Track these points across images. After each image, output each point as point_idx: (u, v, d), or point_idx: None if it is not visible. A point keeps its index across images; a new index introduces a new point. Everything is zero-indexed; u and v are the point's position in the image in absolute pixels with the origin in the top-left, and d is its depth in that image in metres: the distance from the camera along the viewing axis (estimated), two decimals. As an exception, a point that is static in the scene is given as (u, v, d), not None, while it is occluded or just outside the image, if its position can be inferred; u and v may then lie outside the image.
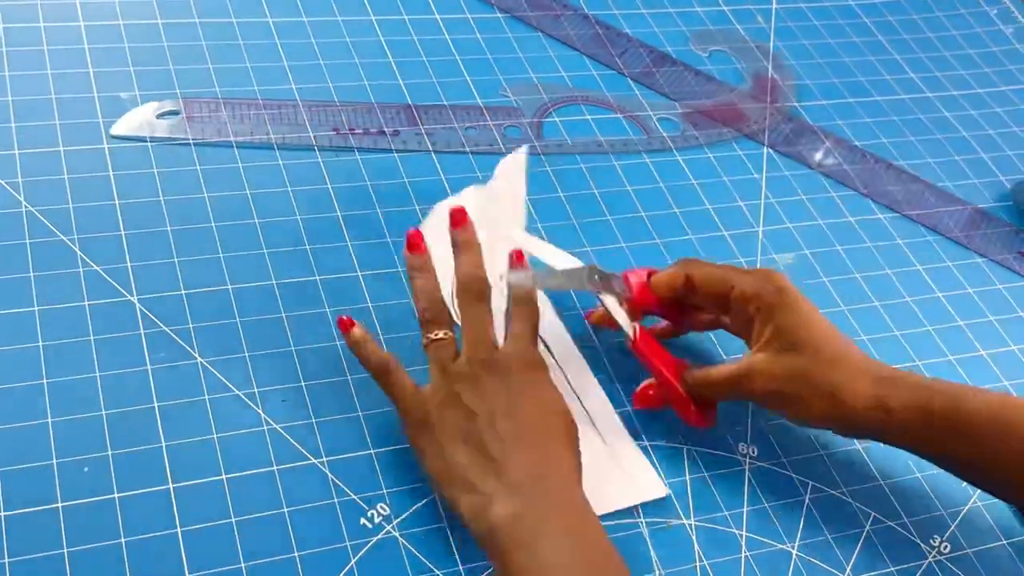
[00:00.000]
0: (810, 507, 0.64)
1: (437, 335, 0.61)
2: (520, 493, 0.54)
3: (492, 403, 0.57)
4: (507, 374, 0.59)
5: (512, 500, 0.54)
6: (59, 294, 0.63)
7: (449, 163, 0.77)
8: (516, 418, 0.57)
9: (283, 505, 0.57)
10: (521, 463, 0.55)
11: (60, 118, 0.72)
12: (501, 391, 0.58)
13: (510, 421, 0.57)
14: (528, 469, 0.55)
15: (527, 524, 0.53)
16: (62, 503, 0.55)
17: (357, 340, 0.61)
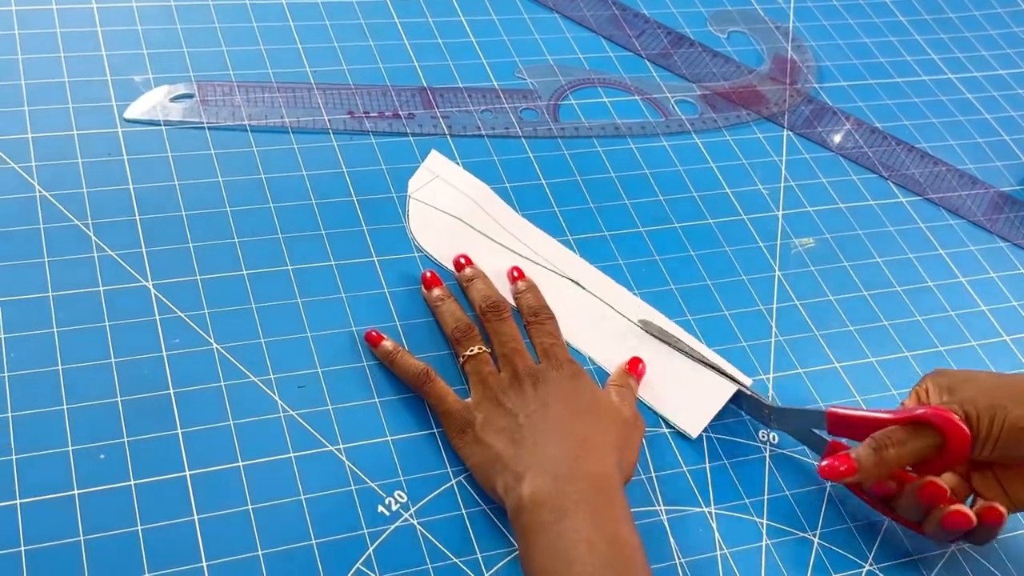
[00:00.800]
0: (831, 495, 0.63)
1: (472, 351, 0.62)
2: (552, 472, 0.54)
3: (534, 404, 0.59)
4: (549, 383, 0.60)
5: (543, 478, 0.54)
6: (74, 279, 0.63)
7: (465, 147, 0.76)
8: (558, 415, 0.58)
9: (300, 492, 0.57)
10: (558, 445, 0.56)
11: (73, 102, 0.72)
12: (543, 397, 0.59)
13: (550, 419, 0.58)
14: (564, 451, 0.56)
15: (554, 503, 0.53)
16: (78, 490, 0.54)
17: (389, 352, 0.62)
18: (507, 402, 0.59)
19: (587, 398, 0.60)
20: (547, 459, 0.55)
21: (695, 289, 0.72)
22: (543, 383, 0.60)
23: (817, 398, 0.67)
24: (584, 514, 0.53)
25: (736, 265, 0.74)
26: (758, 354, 0.69)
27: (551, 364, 0.62)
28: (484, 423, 0.59)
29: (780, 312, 0.72)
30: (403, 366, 0.62)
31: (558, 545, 0.52)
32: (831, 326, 0.72)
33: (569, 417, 0.59)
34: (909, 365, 0.71)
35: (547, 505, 0.53)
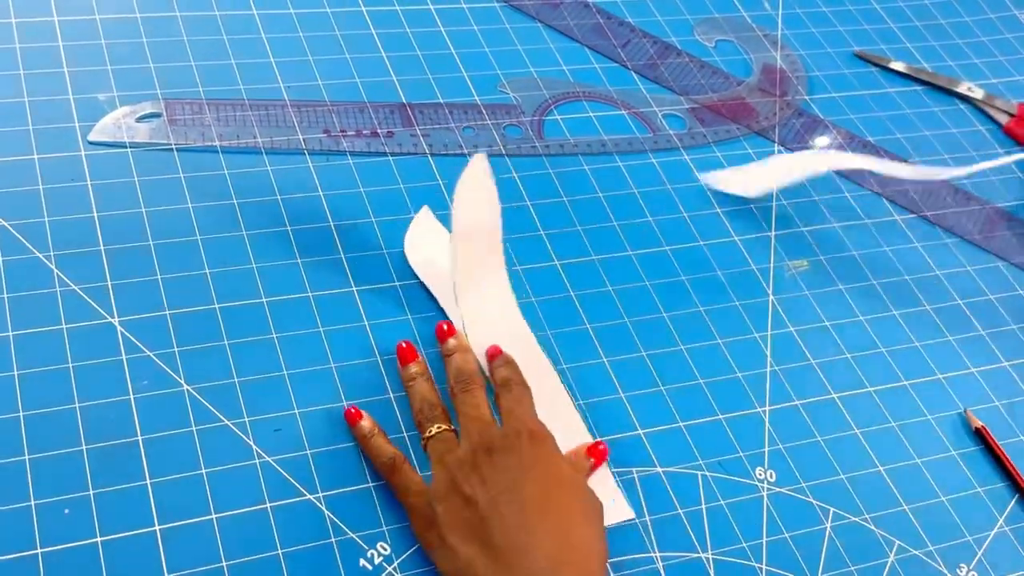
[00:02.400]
0: (832, 536, 0.61)
1: (432, 431, 0.58)
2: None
3: (494, 487, 0.53)
4: (508, 452, 0.55)
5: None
6: (34, 316, 0.59)
7: (446, 166, 0.73)
8: (522, 501, 0.53)
9: (277, 547, 0.54)
10: (534, 552, 0.51)
11: (33, 123, 0.68)
12: (504, 472, 0.54)
13: (515, 505, 0.53)
14: (543, 560, 0.51)
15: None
16: (41, 549, 0.51)
17: (364, 434, 0.58)
18: (466, 487, 0.54)
19: (554, 471, 0.55)
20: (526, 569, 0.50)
21: (687, 316, 0.69)
22: (500, 453, 0.55)
23: (815, 431, 0.65)
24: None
25: (728, 289, 0.71)
26: (753, 385, 0.66)
27: (509, 427, 0.57)
28: (446, 518, 0.53)
29: (775, 339, 0.69)
30: (375, 451, 0.57)
31: None
32: (827, 354, 0.69)
33: (540, 504, 0.53)
34: (907, 395, 0.68)
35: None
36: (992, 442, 0.66)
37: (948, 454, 0.66)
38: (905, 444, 0.66)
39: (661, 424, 0.63)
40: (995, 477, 0.66)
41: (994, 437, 0.66)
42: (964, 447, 0.67)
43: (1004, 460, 0.66)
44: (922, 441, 0.66)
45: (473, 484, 0.54)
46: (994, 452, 0.66)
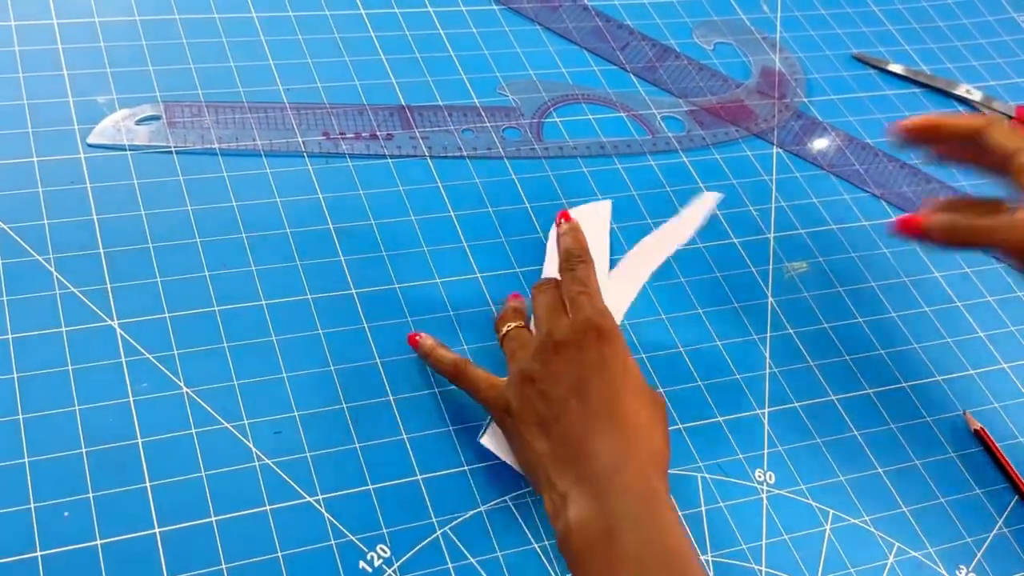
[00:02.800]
0: (831, 538, 0.61)
1: (505, 329, 0.61)
2: (593, 491, 0.51)
3: (564, 384, 0.55)
4: (578, 350, 0.56)
5: (584, 501, 0.51)
6: (34, 319, 0.59)
7: (445, 168, 0.73)
8: (590, 399, 0.54)
9: (277, 549, 0.54)
10: (598, 452, 0.52)
11: (33, 126, 0.68)
12: (572, 370, 0.55)
13: (584, 403, 0.54)
14: (605, 460, 0.52)
15: (600, 525, 0.50)
16: (41, 552, 0.51)
17: (427, 350, 0.61)
18: (539, 382, 0.55)
19: (618, 371, 0.55)
20: (588, 474, 0.52)
21: (686, 318, 0.69)
22: (575, 351, 0.55)
23: (814, 433, 0.65)
24: (630, 530, 0.50)
25: (727, 291, 0.71)
26: (752, 387, 0.66)
27: (577, 321, 0.57)
28: (522, 410, 0.55)
29: (774, 341, 0.69)
30: (438, 359, 0.60)
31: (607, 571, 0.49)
32: (826, 356, 0.69)
33: (604, 408, 0.54)
34: (906, 396, 0.68)
35: (593, 528, 0.50)
36: (991, 444, 0.66)
37: (947, 456, 0.66)
38: (904, 446, 0.66)
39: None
40: (994, 479, 0.66)
41: (993, 439, 0.67)
42: (963, 449, 0.67)
43: (1003, 462, 0.66)
44: (921, 443, 0.66)
45: (545, 379, 0.55)
46: (993, 454, 0.66)
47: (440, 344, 0.61)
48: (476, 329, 0.65)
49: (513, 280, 0.68)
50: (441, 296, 0.66)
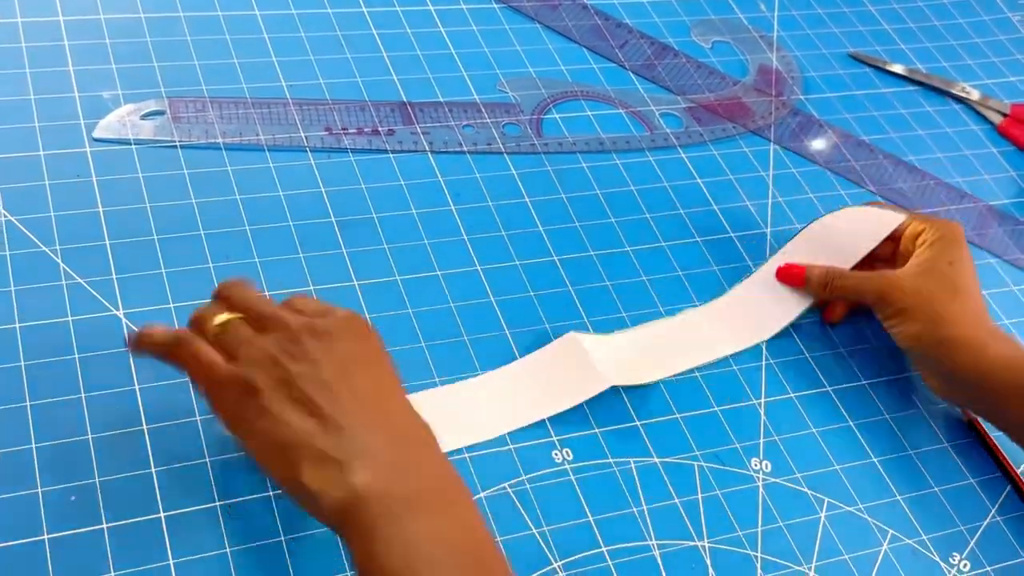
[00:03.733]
0: (826, 525, 0.61)
1: (218, 320, 0.53)
2: (382, 458, 0.48)
3: (325, 367, 0.50)
4: (326, 335, 0.51)
5: (375, 467, 0.47)
6: (41, 309, 0.60)
7: (446, 163, 0.74)
8: (350, 381, 0.50)
9: (281, 534, 0.54)
10: (371, 425, 0.49)
11: (39, 120, 0.69)
12: (328, 354, 0.51)
13: (343, 382, 0.50)
14: (383, 432, 0.49)
15: (399, 492, 0.47)
16: (48, 535, 0.52)
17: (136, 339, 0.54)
18: (292, 364, 0.50)
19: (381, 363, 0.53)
20: (373, 445, 0.48)
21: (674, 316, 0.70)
22: (326, 337, 0.51)
23: (809, 423, 0.66)
24: (434, 506, 0.47)
25: (725, 285, 0.72)
26: (749, 378, 0.67)
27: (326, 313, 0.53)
28: (269, 389, 0.49)
29: (770, 334, 0.70)
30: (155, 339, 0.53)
31: (413, 541, 0.46)
32: (822, 349, 0.70)
33: (371, 392, 0.51)
34: (901, 388, 0.69)
35: (392, 495, 0.46)
36: (984, 433, 0.67)
37: (941, 446, 0.67)
38: (899, 436, 0.67)
39: (658, 416, 0.64)
40: (987, 468, 0.66)
41: (987, 429, 0.67)
42: (956, 439, 0.67)
43: (996, 451, 0.66)
44: (915, 433, 0.67)
45: (299, 360, 0.50)
46: (986, 443, 0.67)
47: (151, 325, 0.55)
48: (475, 320, 0.66)
49: (513, 272, 0.69)
50: (442, 288, 0.67)
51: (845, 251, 0.71)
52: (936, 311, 0.65)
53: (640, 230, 0.74)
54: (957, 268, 0.66)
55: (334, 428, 0.48)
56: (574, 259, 0.71)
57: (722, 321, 0.69)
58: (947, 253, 0.67)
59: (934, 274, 0.66)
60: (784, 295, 0.71)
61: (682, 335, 0.68)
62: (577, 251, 0.72)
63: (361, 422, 0.49)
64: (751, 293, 0.71)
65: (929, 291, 0.66)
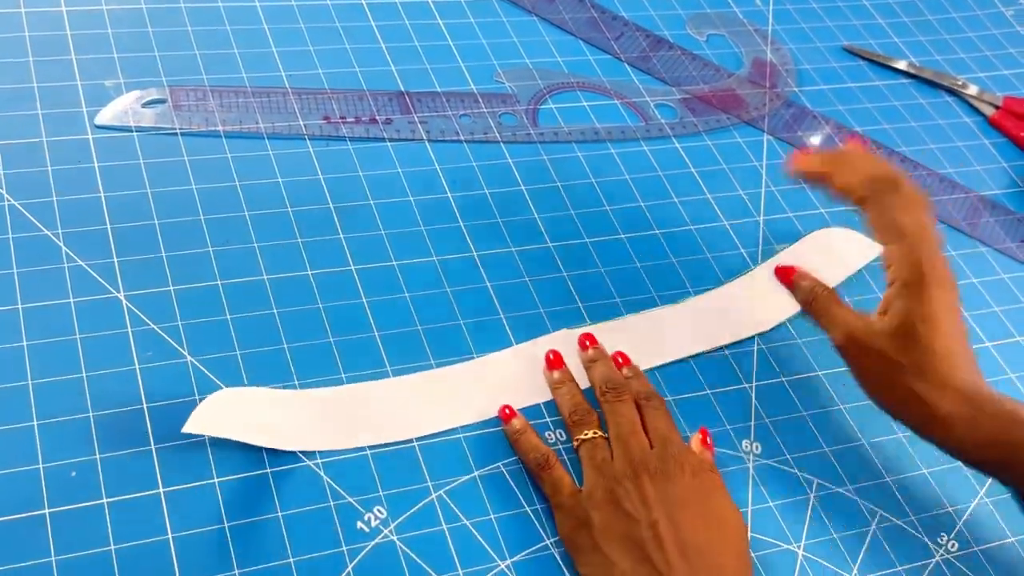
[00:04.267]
0: (816, 505, 0.62)
1: (587, 435, 0.60)
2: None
3: (654, 509, 0.55)
4: (669, 477, 0.56)
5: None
6: (43, 291, 0.61)
7: (443, 152, 0.75)
8: (680, 528, 0.54)
9: (277, 509, 0.55)
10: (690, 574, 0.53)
11: (42, 107, 0.70)
12: (663, 496, 0.56)
13: (674, 530, 0.54)
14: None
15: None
16: (49, 509, 0.53)
17: (516, 431, 0.60)
18: (626, 502, 0.55)
19: (713, 507, 0.57)
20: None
21: (677, 297, 0.71)
22: (664, 481, 0.56)
23: (799, 406, 0.67)
24: None
25: (718, 272, 0.73)
26: (740, 362, 0.68)
27: (668, 455, 0.58)
28: (603, 527, 0.55)
29: (762, 319, 0.71)
30: (526, 447, 0.60)
31: None
32: (814, 334, 0.71)
33: (699, 537, 0.55)
34: (892, 372, 0.70)
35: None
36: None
37: (930, 429, 0.68)
38: (887, 419, 0.67)
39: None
40: (976, 451, 0.67)
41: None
42: (946, 422, 0.68)
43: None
44: (905, 416, 0.68)
45: (634, 501, 0.55)
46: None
47: (530, 429, 0.61)
48: (470, 304, 0.67)
49: (508, 259, 0.70)
50: (438, 272, 0.68)
51: (834, 267, 0.73)
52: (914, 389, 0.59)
53: (634, 218, 0.75)
54: (931, 326, 0.59)
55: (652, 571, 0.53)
56: (569, 246, 0.72)
57: (718, 313, 0.70)
58: (917, 307, 0.59)
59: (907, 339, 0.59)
60: (783, 292, 0.72)
61: (683, 324, 0.69)
62: (572, 238, 0.73)
63: (676, 564, 0.53)
64: (751, 287, 0.72)
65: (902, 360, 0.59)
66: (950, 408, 0.58)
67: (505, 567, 0.56)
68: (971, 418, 0.58)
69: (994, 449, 0.58)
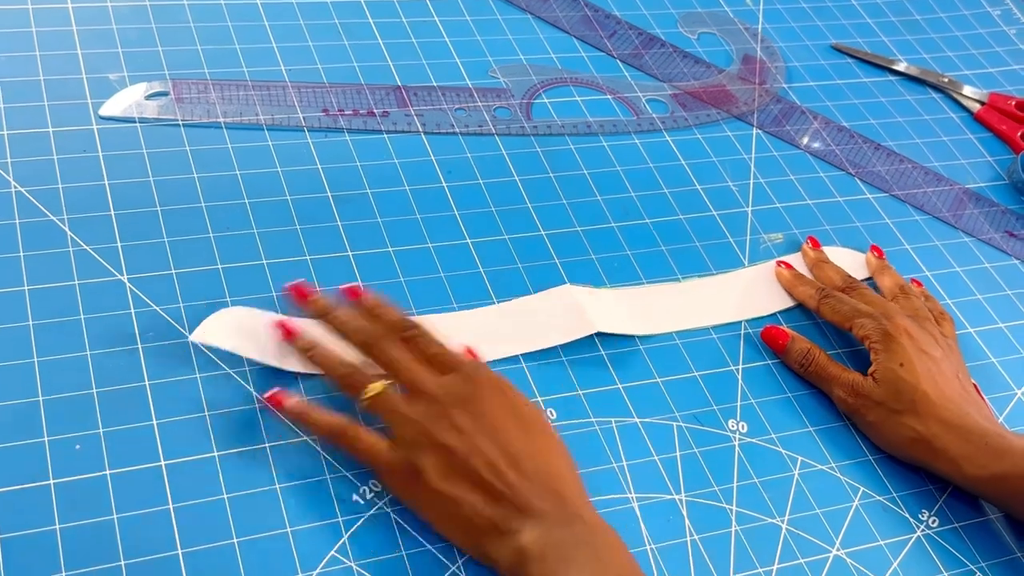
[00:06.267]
0: (799, 482, 0.64)
1: (372, 390, 0.58)
2: (542, 522, 0.53)
3: (475, 436, 0.55)
4: (472, 402, 0.56)
5: (537, 531, 0.53)
6: (49, 273, 0.63)
7: (439, 144, 0.77)
8: (503, 444, 0.55)
9: (275, 482, 0.57)
10: (531, 491, 0.54)
11: (48, 99, 0.72)
12: (477, 421, 0.56)
13: (500, 449, 0.55)
14: (540, 496, 0.54)
15: (558, 552, 0.52)
16: (54, 480, 0.55)
17: (298, 412, 0.58)
18: (441, 435, 0.55)
19: (524, 413, 0.58)
20: (534, 511, 0.53)
21: (666, 283, 0.73)
22: (470, 405, 0.56)
23: (785, 388, 0.69)
24: (589, 557, 0.52)
25: (706, 259, 0.75)
26: (728, 346, 0.70)
27: (462, 377, 0.58)
28: (433, 469, 0.54)
29: (749, 305, 0.73)
30: (320, 423, 0.57)
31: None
32: (798, 319, 0.73)
33: (525, 446, 0.56)
34: (876, 356, 0.72)
35: (553, 552, 0.52)
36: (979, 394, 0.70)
37: (912, 410, 0.69)
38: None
39: (640, 379, 0.67)
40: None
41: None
42: (928, 404, 0.70)
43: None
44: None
45: (452, 435, 0.55)
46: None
47: (310, 404, 0.59)
48: (465, 289, 0.69)
49: (502, 246, 0.72)
50: (432, 259, 0.70)
51: None
52: (914, 429, 0.64)
53: (625, 208, 0.77)
54: (909, 369, 0.65)
55: (497, 496, 0.54)
56: (561, 234, 0.74)
57: (718, 294, 0.73)
58: (894, 356, 0.66)
59: (894, 384, 0.65)
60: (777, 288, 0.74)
61: (676, 299, 0.72)
62: (564, 227, 0.74)
63: (519, 485, 0.54)
64: (750, 278, 0.74)
65: (896, 406, 0.64)
66: (947, 443, 0.63)
67: (496, 538, 0.58)
68: (969, 453, 0.63)
69: (1000, 483, 0.63)
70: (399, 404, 0.57)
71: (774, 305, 0.73)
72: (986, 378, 0.72)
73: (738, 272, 0.74)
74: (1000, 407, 0.71)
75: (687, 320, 0.70)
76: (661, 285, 0.72)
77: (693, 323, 0.70)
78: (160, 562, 0.53)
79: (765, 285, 0.74)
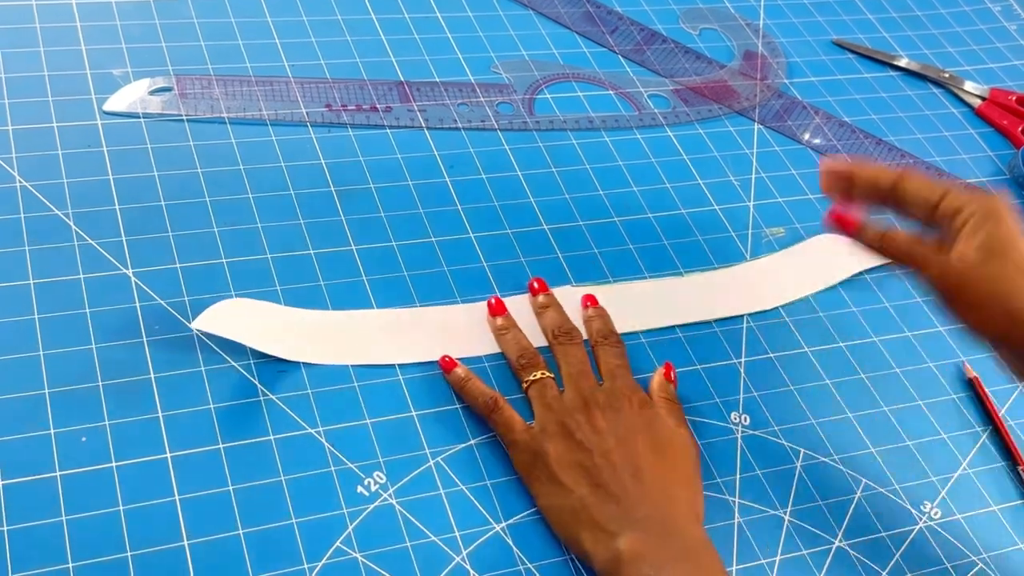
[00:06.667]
0: (802, 474, 0.64)
1: (536, 375, 0.62)
2: (644, 531, 0.55)
3: (606, 438, 0.58)
4: (618, 410, 0.60)
5: (637, 536, 0.54)
6: (54, 268, 0.63)
7: (441, 139, 0.78)
8: (632, 455, 0.58)
9: (280, 474, 0.57)
10: (642, 501, 0.56)
11: (53, 95, 0.72)
12: (614, 426, 0.59)
13: (627, 458, 0.58)
14: (650, 507, 0.56)
15: (654, 558, 0.53)
16: (60, 472, 0.55)
17: (460, 379, 0.63)
18: (577, 432, 0.59)
19: (662, 435, 0.60)
20: (639, 519, 0.55)
21: (668, 276, 0.73)
22: (613, 413, 0.60)
23: (787, 380, 0.69)
24: (682, 572, 0.53)
25: (708, 253, 0.75)
26: (730, 339, 0.70)
27: (617, 390, 0.62)
28: (558, 458, 0.58)
29: (751, 299, 0.73)
30: (474, 392, 0.62)
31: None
32: (800, 313, 0.73)
33: (651, 462, 0.58)
34: (876, 349, 0.72)
35: (647, 559, 0.53)
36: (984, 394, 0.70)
37: (914, 403, 0.70)
38: (873, 393, 0.69)
39: (643, 372, 0.67)
40: (957, 424, 0.69)
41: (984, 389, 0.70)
42: (929, 396, 0.70)
43: (992, 411, 0.69)
44: (889, 391, 0.70)
45: (585, 431, 0.59)
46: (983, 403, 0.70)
47: (472, 375, 0.63)
48: (469, 284, 0.69)
49: (504, 240, 0.72)
50: (436, 253, 0.70)
51: (830, 271, 0.76)
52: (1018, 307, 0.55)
53: (628, 202, 0.77)
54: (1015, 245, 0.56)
55: (610, 499, 0.56)
56: (563, 228, 0.74)
57: (720, 288, 0.73)
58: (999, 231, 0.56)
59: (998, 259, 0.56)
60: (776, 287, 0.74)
61: (678, 293, 0.72)
62: (566, 221, 0.75)
63: (632, 492, 0.56)
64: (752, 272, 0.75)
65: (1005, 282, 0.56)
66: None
67: (500, 529, 0.58)
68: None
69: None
70: (550, 393, 0.61)
71: (776, 299, 0.73)
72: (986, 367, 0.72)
73: (740, 266, 0.75)
74: (1002, 400, 0.71)
75: (689, 314, 0.70)
76: (663, 279, 0.72)
77: (695, 316, 0.70)
78: (166, 553, 0.53)
79: (768, 278, 0.74)
